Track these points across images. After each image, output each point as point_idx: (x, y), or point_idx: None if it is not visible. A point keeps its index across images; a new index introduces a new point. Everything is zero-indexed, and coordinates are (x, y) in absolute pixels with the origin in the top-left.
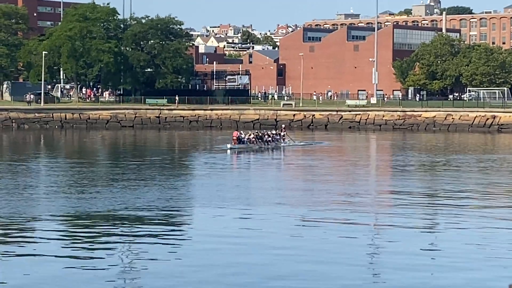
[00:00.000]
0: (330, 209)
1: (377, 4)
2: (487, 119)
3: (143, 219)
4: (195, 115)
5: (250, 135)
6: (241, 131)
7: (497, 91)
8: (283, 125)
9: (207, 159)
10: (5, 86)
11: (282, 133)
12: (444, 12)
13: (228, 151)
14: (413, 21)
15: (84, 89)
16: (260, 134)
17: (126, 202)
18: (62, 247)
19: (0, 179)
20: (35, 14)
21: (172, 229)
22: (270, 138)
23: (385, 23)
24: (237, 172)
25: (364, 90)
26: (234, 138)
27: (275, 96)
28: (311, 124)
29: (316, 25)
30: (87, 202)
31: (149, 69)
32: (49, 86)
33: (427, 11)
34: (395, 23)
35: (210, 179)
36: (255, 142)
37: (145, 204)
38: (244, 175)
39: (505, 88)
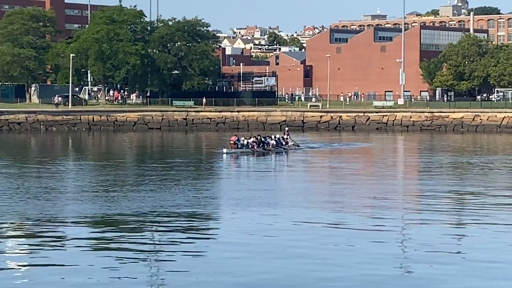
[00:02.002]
0: (358, 211)
1: (404, 4)
2: None
3: (170, 222)
4: (222, 117)
5: (250, 139)
6: (245, 137)
7: None
8: (286, 128)
9: (234, 161)
10: (33, 88)
11: (285, 136)
12: (471, 13)
13: (224, 155)
14: (440, 22)
15: (111, 91)
16: (262, 139)
17: (153, 205)
18: (88, 250)
19: (28, 182)
20: (63, 17)
21: (198, 232)
22: (273, 141)
23: (412, 24)
24: (261, 175)
25: (391, 91)
26: (231, 142)
27: (302, 98)
28: (338, 125)
29: (343, 26)
30: (114, 204)
31: (176, 71)
32: (77, 89)
33: (455, 11)
34: (422, 23)
35: (237, 182)
36: (255, 147)
37: (172, 206)
38: (270, 177)
39: None
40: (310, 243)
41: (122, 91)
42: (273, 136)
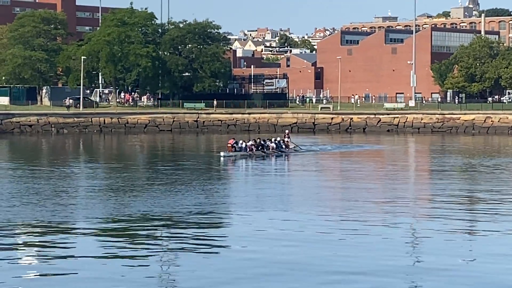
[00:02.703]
0: (370, 213)
1: (415, 6)
2: None
3: (181, 224)
4: (233, 119)
5: (248, 142)
6: (244, 140)
7: None
8: (287, 131)
9: (245, 163)
10: (44, 91)
11: (286, 139)
12: (482, 14)
13: (222, 158)
14: (451, 24)
15: (122, 94)
16: (261, 142)
17: (164, 207)
18: (99, 252)
19: (39, 184)
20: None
21: (210, 233)
22: (273, 144)
23: (423, 26)
24: (274, 176)
25: (402, 93)
26: (229, 145)
27: (313, 100)
28: (349, 127)
29: (354, 28)
30: (124, 206)
31: (187, 73)
32: (88, 91)
33: (466, 13)
34: (433, 25)
35: (248, 183)
36: (253, 150)
37: (183, 208)
38: (282, 179)
39: None
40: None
41: (133, 93)
42: (273, 139)
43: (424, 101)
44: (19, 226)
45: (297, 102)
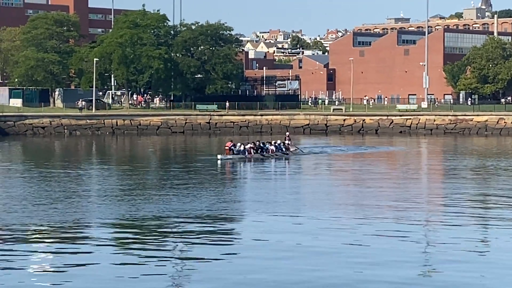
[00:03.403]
0: (384, 214)
1: (428, 8)
2: None
3: (194, 225)
4: (245, 121)
5: (247, 145)
6: (242, 142)
7: None
8: (287, 133)
9: (257, 164)
10: (57, 93)
11: (287, 142)
12: (495, 15)
13: (219, 161)
14: (464, 25)
15: (134, 96)
16: (261, 144)
17: (176, 208)
18: (113, 254)
19: (52, 186)
20: (86, 22)
21: (223, 235)
22: (273, 147)
23: (436, 27)
24: (287, 178)
25: (415, 95)
26: (227, 148)
27: (325, 101)
28: (362, 129)
29: (366, 29)
30: (137, 208)
31: (199, 75)
32: (100, 93)
33: (478, 14)
34: (446, 27)
35: (261, 184)
36: (252, 153)
37: (195, 209)
38: (294, 180)
39: None
40: (334, 243)
41: (145, 95)
42: (273, 142)
43: (437, 103)
44: (32, 229)
45: (309, 104)
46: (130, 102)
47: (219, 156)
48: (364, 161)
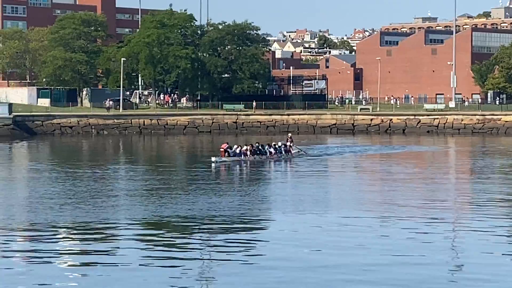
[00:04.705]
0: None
1: (455, 7)
2: None
3: (219, 225)
4: (272, 120)
5: (244, 146)
6: (239, 144)
7: None
8: (289, 134)
9: (283, 164)
10: (84, 92)
11: (288, 144)
12: None
13: (213, 164)
14: (492, 24)
15: (162, 95)
16: (259, 147)
17: (202, 208)
18: (138, 254)
19: (80, 185)
20: (114, 21)
21: (250, 235)
22: (272, 150)
23: (464, 26)
24: (311, 178)
25: (442, 94)
26: (222, 150)
27: (352, 101)
28: (389, 128)
29: (393, 29)
30: (164, 207)
31: (226, 75)
32: (128, 92)
33: (507, 13)
34: (473, 26)
35: (285, 185)
36: (249, 155)
37: (221, 209)
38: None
39: None
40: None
41: (172, 94)
42: (273, 144)
43: (465, 102)
44: (59, 227)
45: (336, 103)
46: (157, 101)
47: (213, 159)
48: (395, 161)
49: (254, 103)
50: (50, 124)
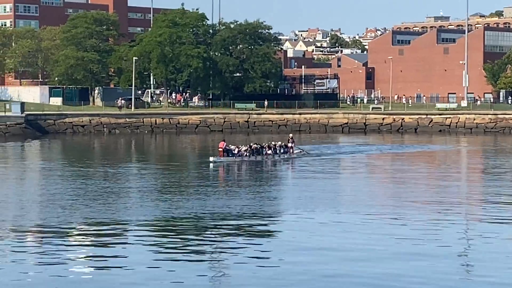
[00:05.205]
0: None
1: (468, 6)
2: None
3: (232, 224)
4: (284, 119)
5: (242, 146)
6: (236, 145)
7: None
8: (290, 135)
9: (293, 163)
10: (96, 91)
11: (289, 144)
12: None
13: (211, 164)
14: (504, 23)
15: (173, 94)
16: (257, 147)
17: (214, 207)
18: (150, 252)
19: (92, 184)
20: (125, 20)
21: (263, 234)
22: (269, 151)
23: (476, 25)
24: (325, 177)
25: (455, 93)
26: (220, 149)
27: (364, 100)
28: (401, 127)
29: (405, 28)
30: (176, 206)
31: (238, 74)
32: (140, 92)
33: None
34: (486, 25)
35: (298, 184)
36: (247, 155)
37: (233, 208)
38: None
39: None
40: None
41: (184, 93)
42: (273, 143)
43: (478, 101)
44: (71, 226)
45: (348, 103)
46: (169, 100)
47: (211, 159)
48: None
49: (265, 102)
50: (62, 123)
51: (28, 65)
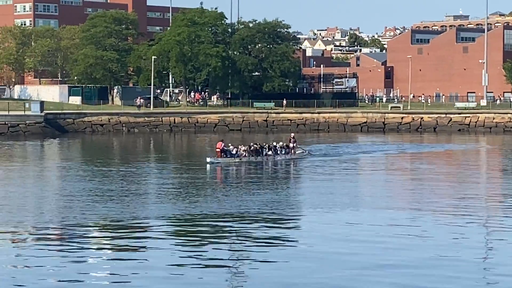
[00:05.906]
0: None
1: (487, 5)
2: None
3: (250, 223)
4: (303, 118)
5: (240, 147)
6: (234, 145)
7: None
8: (292, 134)
9: (311, 162)
10: (115, 90)
11: (291, 145)
12: None
13: (208, 165)
14: None
15: (192, 93)
16: (256, 147)
17: (231, 206)
18: (168, 252)
19: (111, 183)
20: (144, 20)
21: (282, 233)
22: (270, 152)
23: (495, 24)
24: (341, 176)
25: (474, 93)
26: (218, 149)
27: (383, 99)
28: (420, 127)
29: (425, 27)
30: (195, 205)
31: (256, 73)
32: (158, 91)
33: None
34: (505, 24)
35: (316, 183)
36: (246, 155)
37: (251, 207)
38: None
39: None
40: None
41: (203, 93)
42: (275, 143)
43: (498, 101)
44: (89, 225)
45: (367, 102)
46: (187, 99)
47: (208, 159)
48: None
49: (284, 101)
50: (81, 122)
51: (48, 64)
